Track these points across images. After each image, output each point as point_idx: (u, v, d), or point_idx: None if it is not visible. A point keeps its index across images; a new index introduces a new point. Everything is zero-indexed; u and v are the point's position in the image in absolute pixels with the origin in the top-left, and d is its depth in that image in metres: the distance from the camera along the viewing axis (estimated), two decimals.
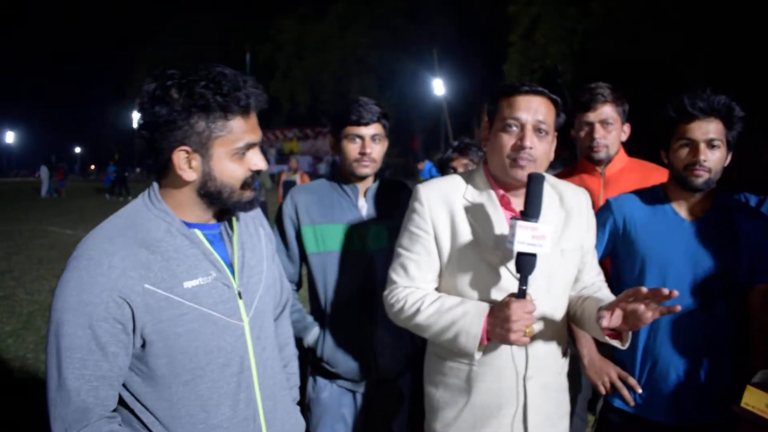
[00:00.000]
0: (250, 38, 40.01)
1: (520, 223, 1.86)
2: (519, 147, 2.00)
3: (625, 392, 2.42)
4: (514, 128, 2.01)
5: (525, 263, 1.89)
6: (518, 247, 1.86)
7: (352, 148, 2.67)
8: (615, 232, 2.51)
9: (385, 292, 2.18)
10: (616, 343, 1.99)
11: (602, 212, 2.56)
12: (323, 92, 39.16)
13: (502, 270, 2.04)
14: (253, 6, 42.69)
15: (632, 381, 2.42)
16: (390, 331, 2.54)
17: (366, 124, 2.66)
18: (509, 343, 1.90)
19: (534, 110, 2.01)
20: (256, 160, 1.70)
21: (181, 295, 1.60)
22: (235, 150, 1.64)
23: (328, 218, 2.68)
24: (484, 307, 1.98)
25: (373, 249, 2.66)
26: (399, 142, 31.58)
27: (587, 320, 2.08)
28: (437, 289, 2.16)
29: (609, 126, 2.99)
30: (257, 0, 43.17)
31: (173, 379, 1.61)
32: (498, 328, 1.90)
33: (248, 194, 1.72)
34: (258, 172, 1.72)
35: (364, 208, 2.72)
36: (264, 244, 1.93)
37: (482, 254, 2.04)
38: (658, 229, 2.39)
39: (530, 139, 1.99)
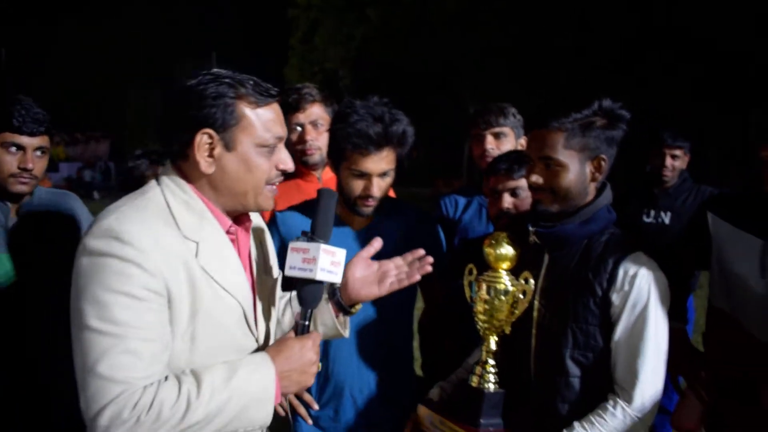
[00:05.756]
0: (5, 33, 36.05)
1: (324, 247, 1.55)
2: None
3: (302, 410, 2.21)
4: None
5: (312, 294, 1.57)
6: (320, 275, 1.54)
7: (8, 161, 2.19)
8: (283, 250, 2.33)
9: (107, 414, 1.31)
10: (341, 329, 1.82)
11: (270, 228, 2.17)
12: (99, 97, 36.49)
13: (244, 324, 1.59)
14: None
15: (307, 397, 2.22)
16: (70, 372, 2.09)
17: (31, 134, 2.20)
18: (304, 388, 1.61)
19: None
20: None
21: None
22: None
23: None
24: (262, 360, 1.50)
25: (25, 278, 2.18)
26: None
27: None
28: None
29: (320, 127, 2.79)
30: None
31: None
32: (296, 374, 1.52)
33: None
34: None
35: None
36: None
37: (227, 309, 1.53)
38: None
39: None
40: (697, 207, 2.38)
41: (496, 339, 1.95)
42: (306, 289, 1.57)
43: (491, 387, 1.91)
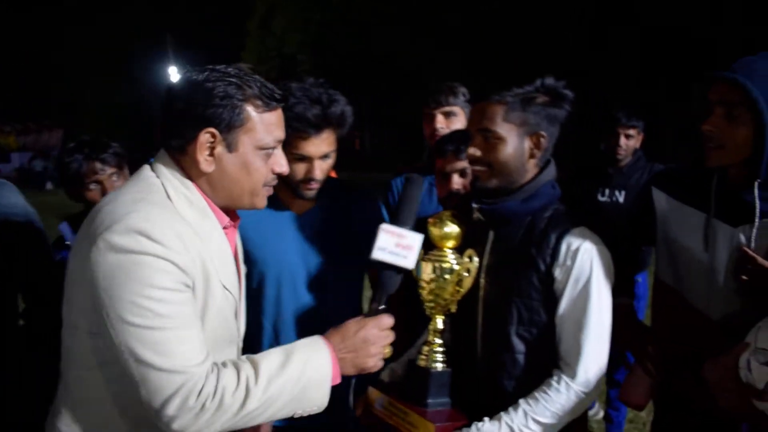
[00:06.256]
0: None
1: (385, 227, 1.63)
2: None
3: None
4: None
5: (386, 279, 1.62)
6: (377, 255, 1.61)
7: None
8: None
9: (175, 403, 1.34)
10: None
11: None
12: (50, 85, 35.53)
13: (234, 317, 1.64)
14: None
15: None
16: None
17: None
18: (367, 371, 1.58)
19: None
20: None
21: None
22: None
23: None
24: (317, 342, 1.53)
25: None
26: (137, 132, 29.79)
27: None
28: None
29: None
30: None
31: None
32: (351, 355, 1.54)
33: None
34: None
35: None
36: None
37: (228, 304, 1.58)
38: (269, 227, 2.18)
39: None
40: (644, 183, 2.40)
41: (443, 318, 1.93)
42: (389, 274, 1.62)
43: (439, 366, 1.89)
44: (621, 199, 4.15)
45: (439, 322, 1.93)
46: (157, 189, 1.48)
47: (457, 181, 2.32)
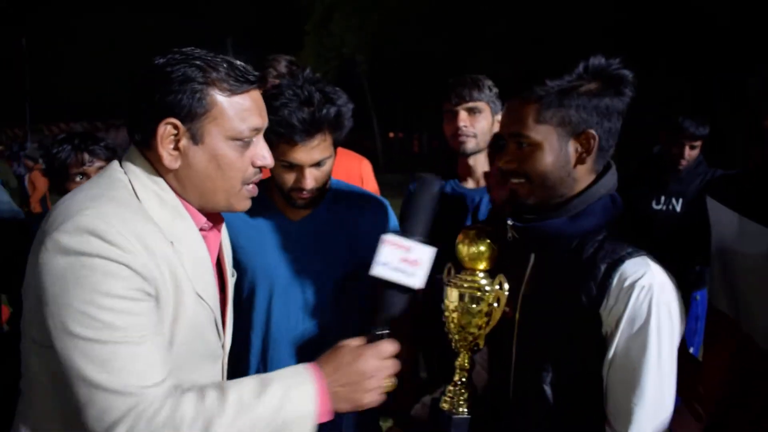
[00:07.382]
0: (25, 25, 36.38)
1: (389, 238, 1.36)
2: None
3: None
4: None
5: (390, 299, 1.36)
6: (378, 270, 1.35)
7: None
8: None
9: (122, 429, 1.15)
10: None
11: None
12: (118, 85, 36.83)
13: (215, 330, 1.45)
14: None
15: None
16: None
17: None
18: (364, 407, 1.34)
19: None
20: None
21: None
22: None
23: None
24: (301, 372, 1.30)
25: None
26: None
27: None
28: None
29: None
30: None
31: None
32: (345, 389, 1.30)
33: None
34: None
35: None
36: None
37: (203, 315, 1.39)
38: (260, 233, 1.98)
39: None
40: (699, 192, 2.06)
41: (470, 354, 1.60)
42: (387, 292, 1.36)
43: (464, 411, 1.55)
44: (678, 208, 3.73)
45: (466, 359, 1.60)
46: (122, 185, 1.32)
47: None
